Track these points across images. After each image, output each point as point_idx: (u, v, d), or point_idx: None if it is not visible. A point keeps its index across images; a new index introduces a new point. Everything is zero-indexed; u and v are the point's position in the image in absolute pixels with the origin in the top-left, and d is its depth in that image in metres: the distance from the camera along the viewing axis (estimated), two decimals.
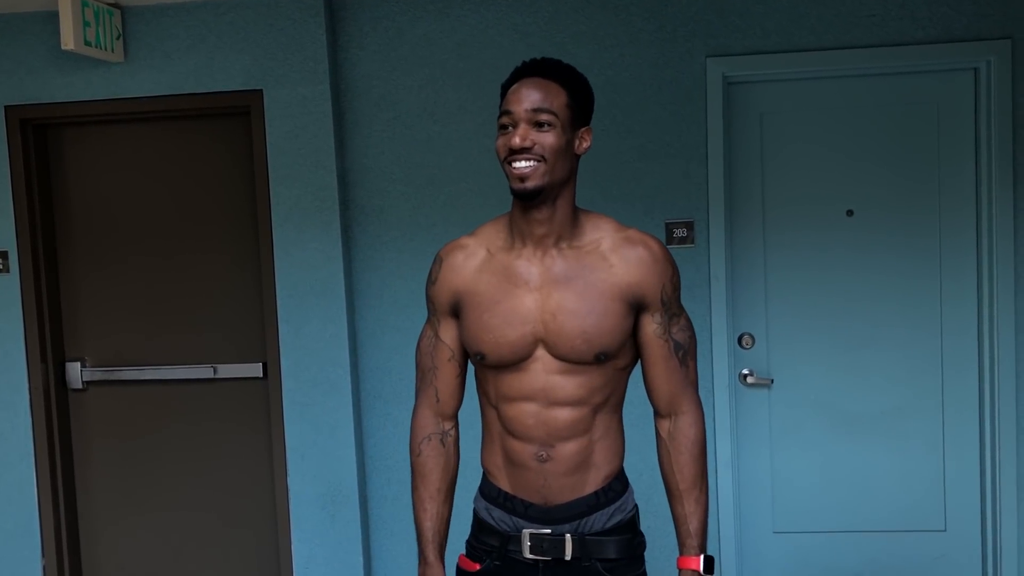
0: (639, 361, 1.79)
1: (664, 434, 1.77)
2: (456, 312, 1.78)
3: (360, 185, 3.32)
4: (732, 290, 3.30)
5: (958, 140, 3.23)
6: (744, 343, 3.35)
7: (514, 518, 1.75)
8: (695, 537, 1.74)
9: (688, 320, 1.78)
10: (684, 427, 1.75)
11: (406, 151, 3.29)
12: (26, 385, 3.41)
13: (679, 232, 3.25)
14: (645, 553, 1.84)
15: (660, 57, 3.19)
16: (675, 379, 1.74)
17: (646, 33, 3.19)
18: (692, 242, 3.24)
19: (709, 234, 3.23)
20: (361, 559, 3.34)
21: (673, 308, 1.74)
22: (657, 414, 1.79)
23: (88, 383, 3.52)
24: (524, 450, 1.72)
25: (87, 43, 3.03)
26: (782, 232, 3.31)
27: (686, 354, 1.76)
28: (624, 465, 1.83)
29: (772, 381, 3.34)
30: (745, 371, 3.35)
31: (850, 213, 3.26)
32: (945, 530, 3.33)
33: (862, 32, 3.14)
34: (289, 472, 3.35)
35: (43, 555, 3.46)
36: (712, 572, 1.74)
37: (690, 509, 1.74)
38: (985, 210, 3.19)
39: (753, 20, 3.15)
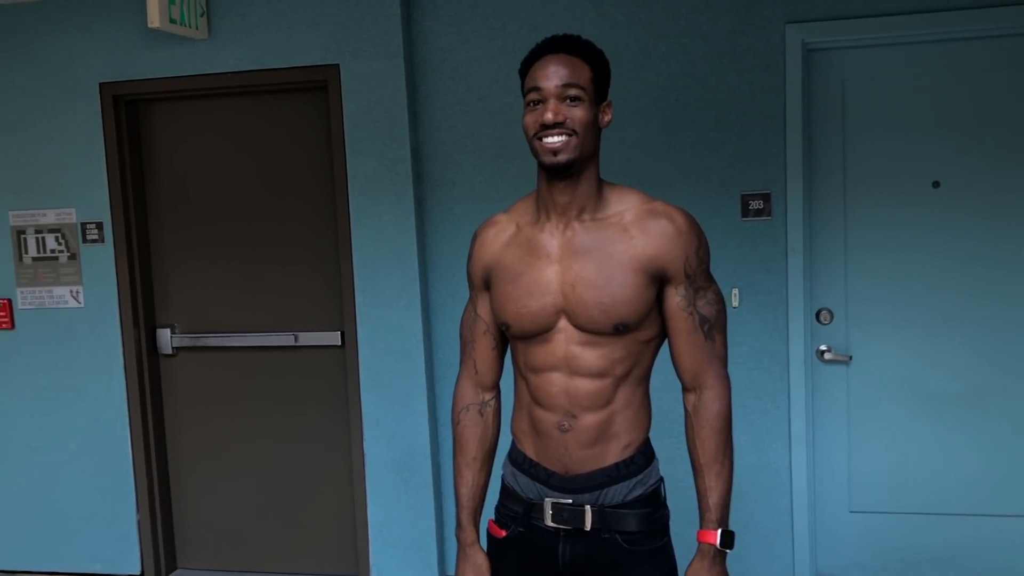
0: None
1: (689, 408, 1.78)
2: (488, 286, 1.83)
3: (433, 158, 3.35)
4: (810, 264, 3.22)
5: None
6: (822, 318, 3.27)
7: (538, 485, 1.79)
8: (714, 511, 1.74)
9: (717, 293, 1.77)
10: (707, 401, 1.75)
11: (478, 123, 3.31)
12: (120, 350, 3.59)
13: (755, 204, 3.18)
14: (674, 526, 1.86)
15: (736, 24, 3.11)
16: (699, 353, 1.74)
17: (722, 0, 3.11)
18: (769, 214, 3.17)
19: (787, 206, 3.15)
20: (433, 524, 3.42)
21: (699, 281, 1.73)
22: (683, 387, 1.80)
23: (177, 348, 3.68)
24: (548, 419, 1.76)
25: (172, 21, 3.14)
26: (864, 204, 3.20)
27: (712, 327, 1.74)
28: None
29: (851, 358, 3.26)
30: (823, 347, 3.27)
31: (936, 185, 3.13)
32: None
33: None
34: (365, 438, 3.44)
35: (137, 510, 3.66)
36: (731, 547, 1.74)
37: (710, 483, 1.74)
38: None
39: None
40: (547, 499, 1.77)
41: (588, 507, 1.74)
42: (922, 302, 3.19)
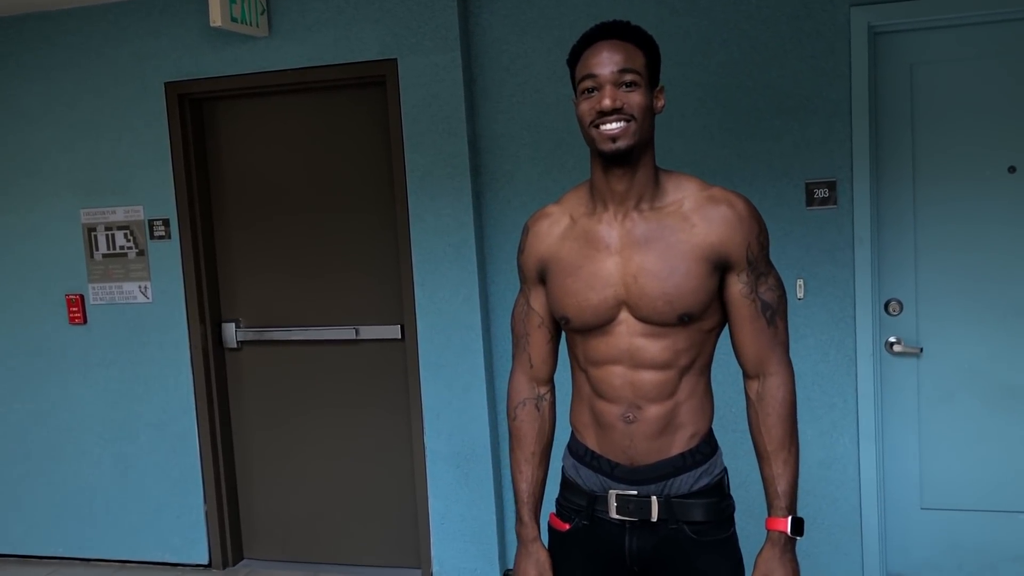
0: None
1: (752, 395, 1.74)
2: (543, 279, 1.81)
3: (490, 151, 3.35)
4: (878, 253, 3.13)
5: None
6: (891, 309, 3.18)
7: (601, 477, 1.76)
8: (783, 498, 1.70)
9: (777, 279, 1.73)
10: (772, 388, 1.71)
11: (535, 115, 3.29)
12: (187, 344, 3.67)
13: (820, 193, 3.10)
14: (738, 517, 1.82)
15: (799, 8, 3.03)
16: (763, 340, 1.70)
17: None
18: (834, 203, 3.09)
19: (853, 194, 3.06)
20: (494, 516, 3.42)
21: (760, 267, 1.69)
22: (745, 375, 1.76)
23: (242, 343, 3.75)
24: (611, 411, 1.73)
25: (234, 19, 3.19)
26: (934, 191, 3.09)
27: (774, 314, 1.70)
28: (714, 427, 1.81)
29: (921, 350, 3.16)
30: (892, 339, 3.18)
31: (1012, 170, 3.01)
32: None
33: None
34: (426, 431, 3.46)
35: (205, 501, 3.74)
36: (801, 533, 1.70)
37: (778, 471, 1.71)
38: None
39: None
40: (611, 491, 1.75)
41: (654, 498, 1.72)
42: (998, 291, 3.07)
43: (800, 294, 3.13)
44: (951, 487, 3.19)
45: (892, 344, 3.17)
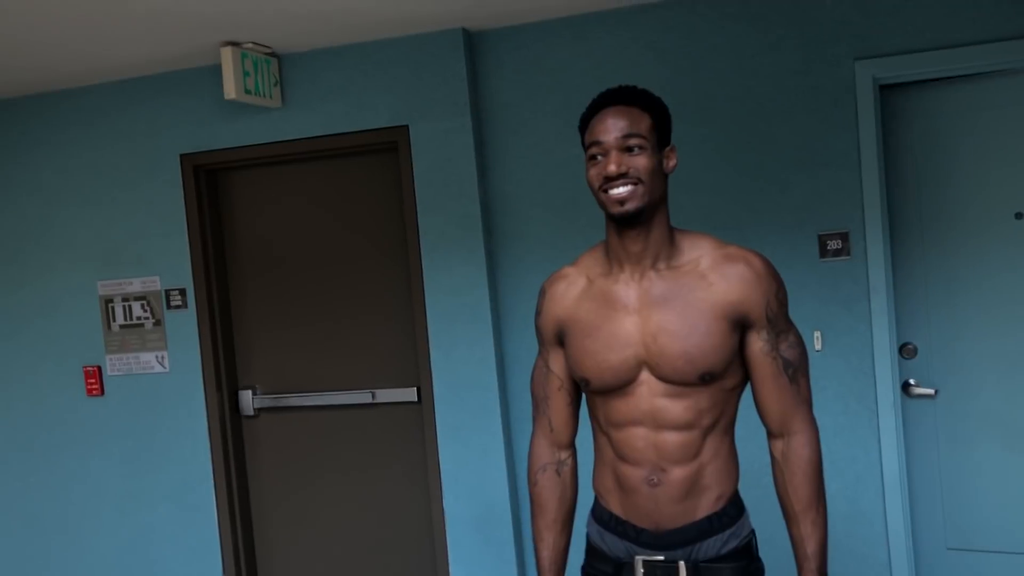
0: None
1: (778, 455, 1.73)
2: (562, 341, 1.81)
3: (502, 211, 3.38)
4: (893, 302, 3.12)
5: None
6: (905, 353, 3.17)
7: (626, 543, 1.74)
8: (813, 559, 1.69)
9: (798, 336, 1.73)
10: (797, 447, 1.70)
11: (546, 175, 3.33)
12: (204, 412, 3.67)
13: (833, 244, 3.11)
14: None
15: (803, 64, 3.07)
16: (786, 398, 1.69)
17: (787, 40, 3.08)
18: (848, 254, 3.09)
19: (866, 244, 3.07)
20: None
21: (780, 324, 1.69)
22: (769, 434, 1.74)
23: (259, 410, 3.74)
24: (635, 474, 1.71)
25: (247, 91, 3.25)
26: (943, 238, 3.11)
27: (796, 371, 1.70)
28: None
29: (936, 392, 3.14)
30: (911, 381, 3.17)
31: (1019, 216, 3.03)
32: None
33: None
34: (444, 494, 3.43)
35: (224, 571, 3.70)
36: None
37: (807, 531, 1.70)
38: None
39: (904, 17, 2.98)
40: (638, 557, 1.73)
41: (682, 563, 1.70)
42: (1010, 335, 3.07)
43: (818, 346, 3.12)
44: (977, 527, 3.15)
45: (911, 386, 3.16)
